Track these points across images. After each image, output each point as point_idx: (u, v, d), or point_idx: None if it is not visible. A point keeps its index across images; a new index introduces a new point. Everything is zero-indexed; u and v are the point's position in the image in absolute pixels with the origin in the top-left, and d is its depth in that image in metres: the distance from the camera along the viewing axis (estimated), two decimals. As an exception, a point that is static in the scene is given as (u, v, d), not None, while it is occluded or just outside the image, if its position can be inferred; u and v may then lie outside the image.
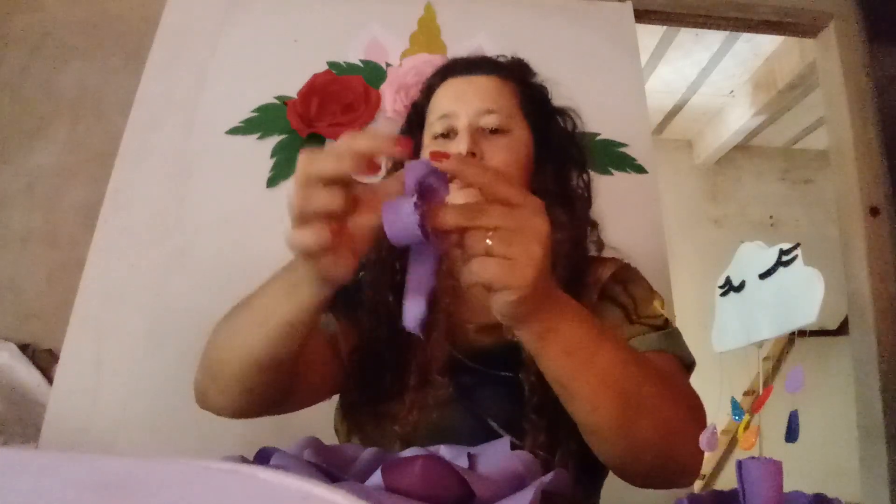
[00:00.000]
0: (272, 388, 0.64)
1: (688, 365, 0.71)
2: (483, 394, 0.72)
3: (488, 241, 0.46)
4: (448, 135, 0.77)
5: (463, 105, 0.77)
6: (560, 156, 0.83)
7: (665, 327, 0.72)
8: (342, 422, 0.79)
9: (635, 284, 0.78)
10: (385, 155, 0.48)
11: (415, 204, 0.45)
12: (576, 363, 0.53)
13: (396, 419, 0.71)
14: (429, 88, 0.85)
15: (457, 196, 0.66)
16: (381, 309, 0.77)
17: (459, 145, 0.74)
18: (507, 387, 0.71)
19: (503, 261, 0.46)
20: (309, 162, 0.46)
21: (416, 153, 0.83)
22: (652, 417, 0.56)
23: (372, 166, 0.47)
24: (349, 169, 0.46)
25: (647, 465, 0.58)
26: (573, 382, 0.54)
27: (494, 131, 0.76)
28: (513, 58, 0.88)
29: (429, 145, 0.79)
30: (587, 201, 0.86)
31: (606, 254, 0.85)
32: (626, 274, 0.80)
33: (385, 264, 0.78)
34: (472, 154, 0.73)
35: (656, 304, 0.75)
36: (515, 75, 0.84)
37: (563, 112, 0.88)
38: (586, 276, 0.78)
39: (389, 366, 0.73)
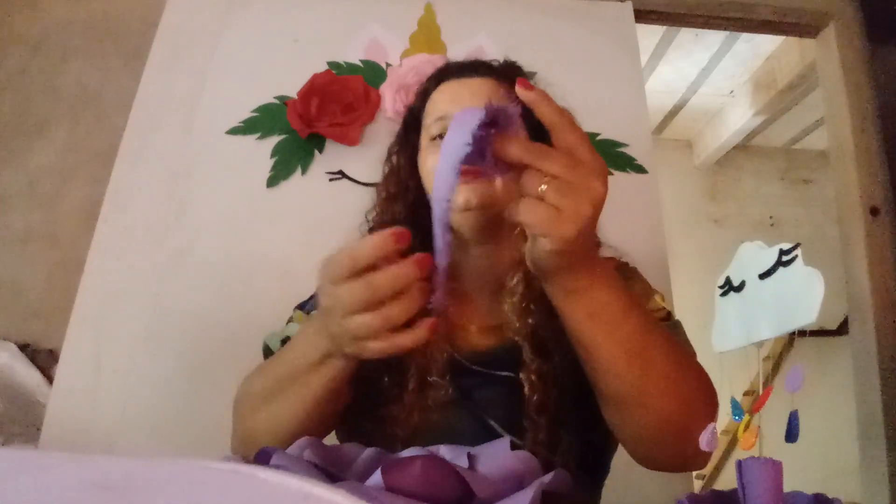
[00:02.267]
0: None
1: None
2: (483, 395, 0.72)
3: (543, 187, 0.47)
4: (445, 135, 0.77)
5: (459, 107, 0.76)
6: None
7: (668, 319, 0.73)
8: (341, 426, 0.79)
9: (635, 281, 0.78)
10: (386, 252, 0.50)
11: (483, 123, 0.46)
12: (600, 327, 0.54)
13: (396, 422, 0.71)
14: (424, 92, 0.85)
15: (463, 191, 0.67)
16: None
17: None
18: (507, 387, 0.71)
19: (551, 209, 0.47)
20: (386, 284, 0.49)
21: (412, 156, 0.83)
22: (673, 391, 0.56)
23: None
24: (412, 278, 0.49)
25: (667, 442, 0.58)
26: (596, 347, 0.55)
27: None
28: (506, 60, 0.88)
29: (426, 147, 0.79)
30: None
31: (604, 252, 0.85)
32: (624, 272, 0.80)
33: None
34: None
35: (657, 298, 0.75)
36: (510, 77, 0.83)
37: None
38: None
39: (389, 369, 0.73)
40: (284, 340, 0.78)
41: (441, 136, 0.77)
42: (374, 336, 0.50)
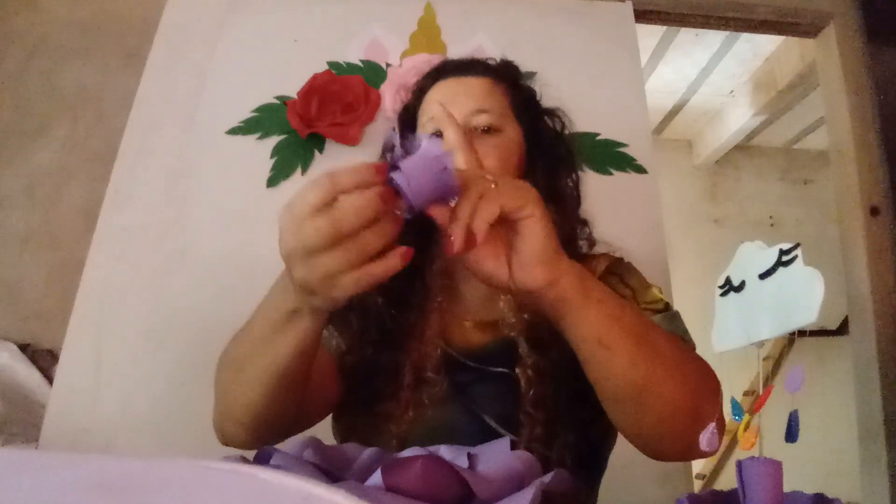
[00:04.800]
0: (288, 411, 0.65)
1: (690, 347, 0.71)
2: (479, 391, 0.72)
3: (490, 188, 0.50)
4: (440, 135, 0.77)
5: (455, 105, 0.77)
6: (550, 156, 0.84)
7: (667, 310, 0.73)
8: (336, 424, 0.79)
9: (631, 275, 0.79)
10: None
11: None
12: (613, 320, 0.55)
13: (391, 418, 0.71)
14: (420, 90, 0.86)
15: None
16: (372, 313, 0.77)
17: (448, 140, 0.74)
18: (503, 383, 0.71)
19: (502, 191, 0.51)
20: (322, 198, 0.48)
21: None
22: (681, 376, 0.57)
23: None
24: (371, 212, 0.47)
25: (678, 430, 0.58)
26: (612, 339, 0.55)
27: (486, 130, 0.77)
28: (503, 60, 0.89)
29: None
30: (576, 200, 0.87)
31: (598, 249, 0.85)
32: (619, 266, 0.80)
33: (401, 277, 0.78)
34: None
35: (654, 290, 0.75)
36: (506, 77, 0.84)
37: (552, 113, 0.89)
38: None
39: (383, 366, 0.73)
40: None
41: (436, 136, 0.78)
42: (346, 269, 0.47)
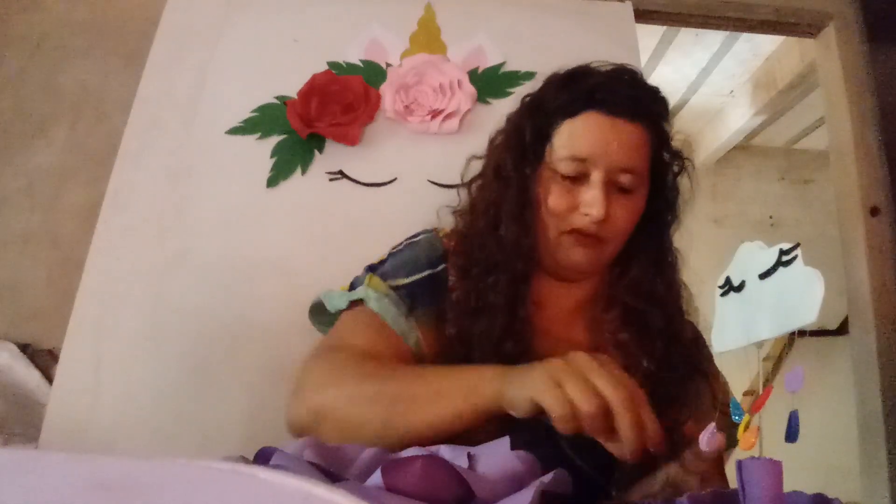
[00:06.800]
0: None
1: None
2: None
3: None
4: (577, 178, 0.74)
5: (604, 155, 0.73)
6: (665, 215, 0.84)
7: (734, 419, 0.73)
8: None
9: (710, 360, 0.78)
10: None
11: None
12: None
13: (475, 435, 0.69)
14: (562, 109, 0.78)
15: None
16: (474, 340, 0.73)
17: (593, 204, 0.72)
18: None
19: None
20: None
21: (530, 174, 0.78)
22: None
23: None
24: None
25: None
26: None
27: (622, 189, 0.75)
28: (655, 94, 0.82)
29: (552, 180, 0.75)
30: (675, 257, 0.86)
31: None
32: (701, 342, 0.79)
33: (505, 310, 0.75)
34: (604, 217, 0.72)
35: (724, 383, 0.75)
36: (654, 123, 0.80)
37: (678, 156, 0.86)
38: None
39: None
40: (355, 301, 0.78)
41: (572, 179, 0.74)
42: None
